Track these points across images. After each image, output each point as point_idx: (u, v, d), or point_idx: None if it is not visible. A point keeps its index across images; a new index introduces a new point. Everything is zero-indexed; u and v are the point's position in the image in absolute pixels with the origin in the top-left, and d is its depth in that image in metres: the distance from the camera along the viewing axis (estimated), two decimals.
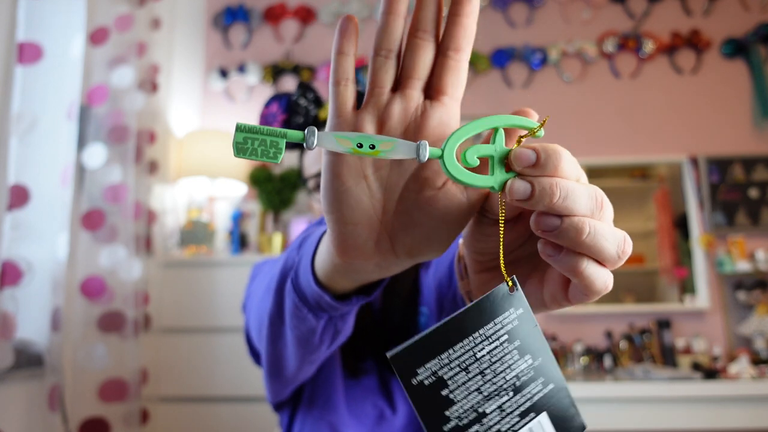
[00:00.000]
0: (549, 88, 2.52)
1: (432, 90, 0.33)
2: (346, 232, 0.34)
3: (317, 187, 0.77)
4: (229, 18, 2.58)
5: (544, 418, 0.27)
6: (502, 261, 0.30)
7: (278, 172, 2.29)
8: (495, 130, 0.30)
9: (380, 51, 0.32)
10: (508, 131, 0.32)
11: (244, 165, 2.22)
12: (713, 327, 2.25)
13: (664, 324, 2.19)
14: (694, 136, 2.42)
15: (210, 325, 1.83)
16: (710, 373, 1.87)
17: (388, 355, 0.28)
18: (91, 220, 1.43)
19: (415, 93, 0.33)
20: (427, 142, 0.29)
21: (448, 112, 0.33)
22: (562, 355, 2.15)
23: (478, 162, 0.30)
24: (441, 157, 0.29)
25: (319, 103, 0.81)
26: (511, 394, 0.28)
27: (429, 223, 0.34)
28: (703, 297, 2.27)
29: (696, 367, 2.01)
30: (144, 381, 1.65)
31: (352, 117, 0.33)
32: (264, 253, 2.08)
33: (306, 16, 2.59)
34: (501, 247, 0.31)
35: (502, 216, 0.31)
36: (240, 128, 0.28)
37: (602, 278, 0.29)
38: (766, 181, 2.35)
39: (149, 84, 1.74)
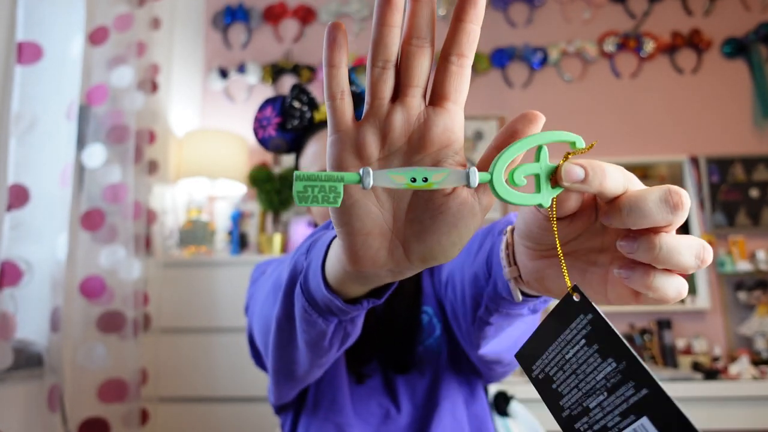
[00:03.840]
0: (549, 88, 2.52)
1: (435, 96, 0.33)
2: (358, 242, 0.34)
3: None
4: (229, 18, 2.58)
5: (646, 422, 0.28)
6: (566, 276, 0.32)
7: (278, 172, 2.29)
8: (539, 148, 0.31)
9: (377, 63, 0.31)
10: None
11: (244, 165, 2.22)
12: (714, 327, 2.25)
13: (664, 324, 2.19)
14: (695, 136, 2.42)
15: (210, 325, 1.83)
16: (711, 373, 1.87)
17: (515, 355, 0.33)
18: (91, 220, 1.43)
19: (415, 101, 0.32)
20: (476, 169, 0.30)
21: (452, 118, 0.32)
22: None
23: (525, 182, 0.30)
24: (490, 181, 0.30)
25: (313, 105, 0.81)
26: (605, 394, 0.29)
27: (441, 229, 0.33)
28: (703, 297, 2.27)
29: (696, 367, 2.00)
30: (143, 381, 1.65)
31: (353, 130, 0.33)
32: (264, 254, 2.08)
33: (306, 15, 2.59)
34: (562, 263, 0.32)
35: (555, 229, 0.32)
36: (299, 177, 0.29)
37: (675, 287, 0.31)
38: (766, 181, 2.34)
39: (149, 84, 1.74)
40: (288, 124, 0.80)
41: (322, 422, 0.73)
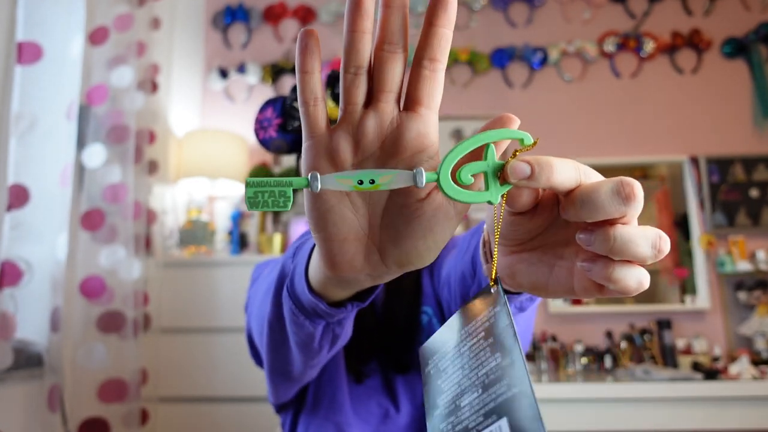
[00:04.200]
0: (549, 88, 2.52)
1: (408, 101, 0.33)
2: (335, 248, 0.35)
3: None
4: (229, 18, 2.58)
5: (504, 424, 0.27)
6: (494, 266, 0.32)
7: (278, 172, 2.29)
8: (486, 146, 0.31)
9: (349, 68, 0.31)
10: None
11: (244, 165, 2.22)
12: (714, 327, 2.25)
13: (664, 324, 2.19)
14: (695, 136, 2.42)
15: (210, 325, 1.83)
16: (711, 373, 1.87)
17: (420, 348, 0.33)
18: (91, 220, 1.43)
19: (388, 106, 0.32)
20: (423, 169, 0.30)
21: (426, 123, 0.32)
22: (562, 355, 2.15)
23: (473, 180, 0.31)
24: (437, 180, 0.30)
25: None
26: (479, 390, 0.29)
27: (417, 233, 0.34)
28: (703, 297, 2.27)
29: (696, 367, 2.00)
30: (143, 381, 1.65)
31: (326, 136, 0.33)
32: (264, 254, 2.08)
33: (306, 15, 2.59)
34: (494, 255, 0.32)
35: (497, 227, 0.32)
36: (249, 183, 0.30)
37: (635, 278, 0.30)
38: (766, 181, 2.34)
39: (149, 84, 1.74)
40: (289, 125, 0.80)
41: (322, 421, 0.73)
